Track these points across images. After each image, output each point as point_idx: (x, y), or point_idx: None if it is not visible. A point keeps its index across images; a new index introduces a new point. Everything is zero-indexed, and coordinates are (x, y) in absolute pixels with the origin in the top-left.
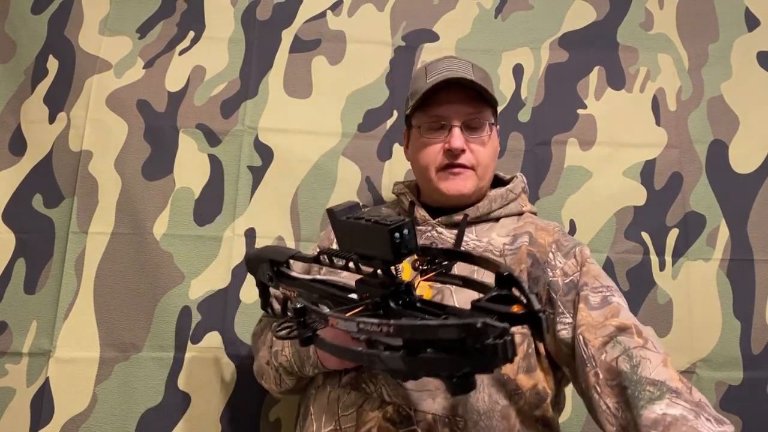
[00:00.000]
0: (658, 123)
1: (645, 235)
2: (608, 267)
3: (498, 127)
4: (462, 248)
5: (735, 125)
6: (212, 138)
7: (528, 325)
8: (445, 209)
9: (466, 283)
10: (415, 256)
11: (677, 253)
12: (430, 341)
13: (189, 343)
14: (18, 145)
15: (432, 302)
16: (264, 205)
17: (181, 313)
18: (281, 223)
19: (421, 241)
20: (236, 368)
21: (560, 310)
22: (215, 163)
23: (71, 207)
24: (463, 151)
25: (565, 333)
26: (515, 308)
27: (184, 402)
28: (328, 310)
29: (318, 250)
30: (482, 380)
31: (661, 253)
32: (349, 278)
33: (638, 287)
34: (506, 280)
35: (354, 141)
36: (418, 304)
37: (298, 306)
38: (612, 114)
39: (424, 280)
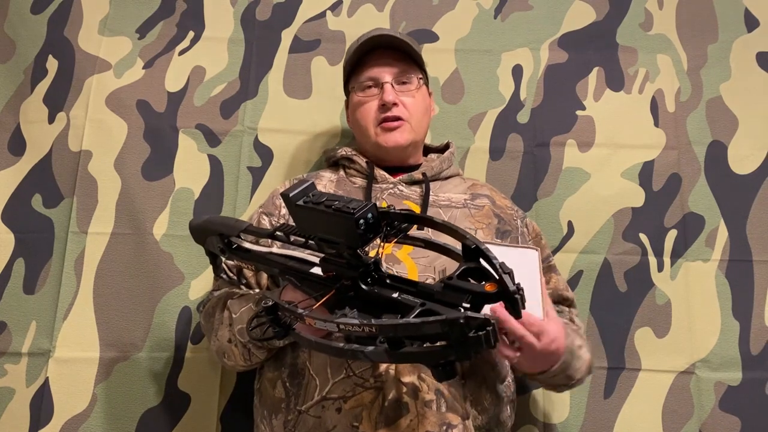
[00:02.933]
0: (656, 124)
1: (643, 237)
2: (606, 268)
3: (431, 92)
4: (426, 204)
5: (734, 126)
6: (212, 138)
7: (503, 303)
8: (395, 167)
9: (428, 245)
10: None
11: (675, 254)
12: (412, 335)
13: (189, 343)
14: (17, 145)
15: (401, 278)
16: None
17: (181, 313)
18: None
19: (384, 197)
20: None
21: None
22: (215, 163)
23: (71, 207)
24: (395, 104)
25: None
26: (488, 287)
27: (184, 402)
28: (295, 290)
29: (261, 211)
30: None
31: (659, 254)
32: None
33: (636, 288)
34: (474, 252)
35: (354, 141)
36: (388, 281)
37: (269, 304)
38: (611, 115)
39: (388, 242)
